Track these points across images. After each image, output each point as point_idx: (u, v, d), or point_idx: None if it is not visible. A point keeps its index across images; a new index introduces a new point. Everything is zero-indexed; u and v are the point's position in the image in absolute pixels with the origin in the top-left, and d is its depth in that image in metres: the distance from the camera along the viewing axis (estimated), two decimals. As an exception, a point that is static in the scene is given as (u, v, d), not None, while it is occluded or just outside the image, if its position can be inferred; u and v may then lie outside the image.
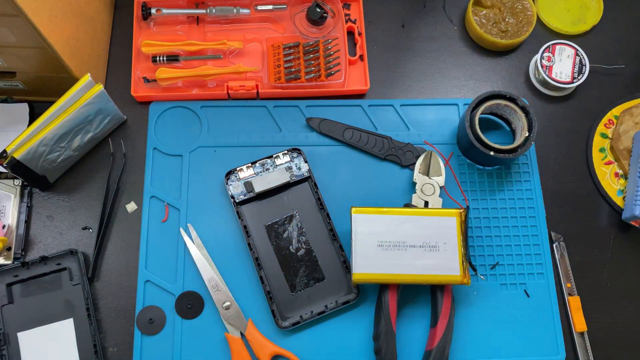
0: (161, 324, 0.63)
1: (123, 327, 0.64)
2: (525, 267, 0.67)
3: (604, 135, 0.73)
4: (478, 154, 0.67)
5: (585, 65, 0.74)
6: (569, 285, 0.66)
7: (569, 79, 0.73)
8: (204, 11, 0.73)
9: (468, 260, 0.60)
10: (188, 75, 0.70)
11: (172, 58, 0.71)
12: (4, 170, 0.66)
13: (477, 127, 0.66)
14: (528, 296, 0.65)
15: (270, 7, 0.73)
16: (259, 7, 0.73)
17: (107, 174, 0.68)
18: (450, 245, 0.60)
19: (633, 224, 0.68)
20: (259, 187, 0.66)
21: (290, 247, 0.65)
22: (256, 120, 0.71)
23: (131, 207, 0.68)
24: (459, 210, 0.61)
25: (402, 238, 0.60)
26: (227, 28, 0.74)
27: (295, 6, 0.74)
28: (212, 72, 0.70)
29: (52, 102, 0.61)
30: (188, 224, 0.66)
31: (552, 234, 0.68)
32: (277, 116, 0.71)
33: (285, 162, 0.67)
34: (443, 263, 0.60)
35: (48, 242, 0.67)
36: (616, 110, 0.74)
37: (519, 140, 0.66)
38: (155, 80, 0.70)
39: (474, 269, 0.61)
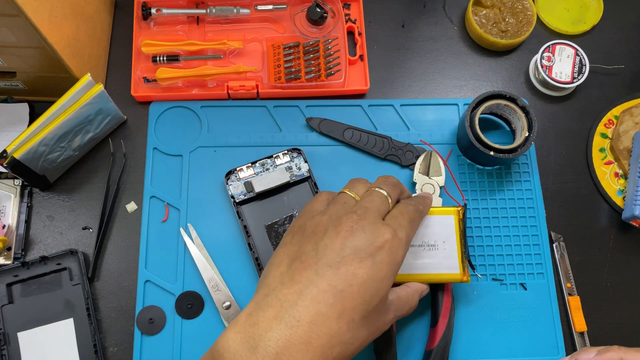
0: (161, 324, 0.63)
1: (123, 327, 0.64)
2: (525, 267, 0.67)
3: (604, 135, 0.73)
4: (478, 154, 0.67)
5: (585, 65, 0.74)
6: (568, 285, 0.66)
7: (569, 79, 0.73)
8: (204, 11, 0.73)
9: (467, 258, 0.60)
10: (188, 75, 0.70)
11: (172, 58, 0.71)
12: (4, 170, 0.66)
13: (477, 127, 0.66)
14: (525, 289, 0.65)
15: (270, 7, 0.73)
16: (259, 7, 0.73)
17: (107, 174, 0.68)
18: (449, 243, 0.60)
19: (633, 224, 0.68)
20: (259, 187, 0.66)
21: (290, 247, 0.65)
22: (256, 120, 0.71)
23: (131, 207, 0.68)
24: (456, 208, 0.61)
25: (401, 238, 0.60)
26: (227, 28, 0.74)
27: (295, 6, 0.74)
28: (212, 72, 0.70)
29: (52, 102, 0.61)
30: (188, 224, 0.66)
31: (552, 234, 0.68)
32: (277, 116, 0.71)
33: (285, 162, 0.67)
34: (442, 262, 0.59)
35: (48, 242, 0.67)
36: (616, 110, 0.74)
37: (519, 140, 0.66)
38: (155, 80, 0.70)
39: (472, 267, 0.61)
